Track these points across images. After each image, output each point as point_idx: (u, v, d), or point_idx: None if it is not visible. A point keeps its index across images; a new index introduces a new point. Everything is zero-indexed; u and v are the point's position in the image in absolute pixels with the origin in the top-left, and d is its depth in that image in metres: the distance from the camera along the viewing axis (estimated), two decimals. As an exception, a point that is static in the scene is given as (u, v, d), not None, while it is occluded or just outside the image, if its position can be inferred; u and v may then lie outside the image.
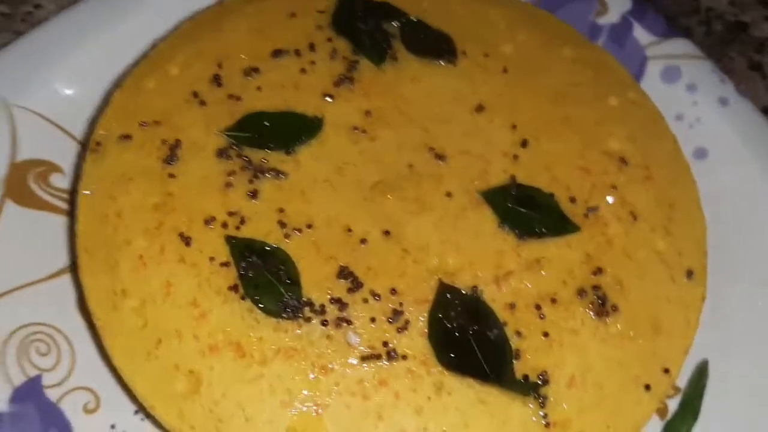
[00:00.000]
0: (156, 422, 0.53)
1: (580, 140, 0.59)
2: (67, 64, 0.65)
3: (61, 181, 0.64)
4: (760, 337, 0.61)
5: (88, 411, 0.56)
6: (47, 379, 0.56)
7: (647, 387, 0.53)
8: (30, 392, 0.55)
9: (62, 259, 0.61)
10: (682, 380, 0.60)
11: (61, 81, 0.65)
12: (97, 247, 0.54)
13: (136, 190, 0.55)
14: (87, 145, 0.62)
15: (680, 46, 0.72)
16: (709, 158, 0.68)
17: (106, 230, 0.55)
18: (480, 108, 0.59)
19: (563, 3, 0.73)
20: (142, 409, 0.53)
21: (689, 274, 0.57)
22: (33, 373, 0.56)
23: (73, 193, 0.61)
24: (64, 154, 0.64)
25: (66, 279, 0.61)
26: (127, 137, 0.57)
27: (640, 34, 0.72)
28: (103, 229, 0.55)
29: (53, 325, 0.58)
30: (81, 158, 0.63)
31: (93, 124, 0.63)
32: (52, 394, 0.56)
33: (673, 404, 0.60)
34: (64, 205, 0.63)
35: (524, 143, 0.58)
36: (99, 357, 0.58)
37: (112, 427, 0.56)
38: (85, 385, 0.57)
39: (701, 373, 0.60)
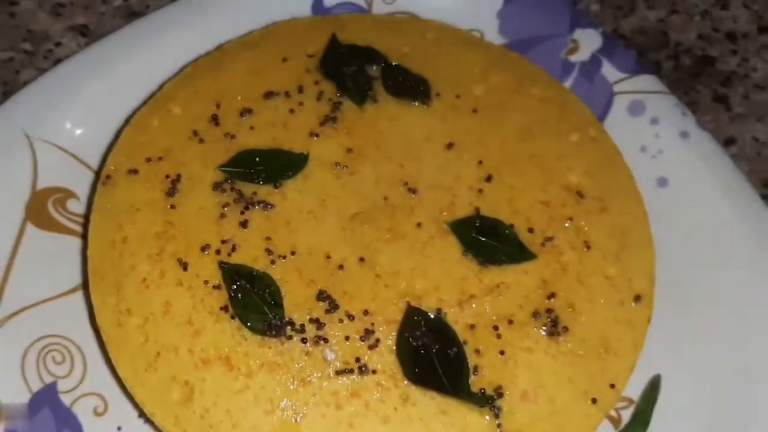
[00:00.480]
0: (155, 426, 0.60)
1: (542, 175, 0.65)
2: (83, 101, 0.72)
3: (76, 207, 0.70)
4: (708, 354, 0.66)
5: (97, 414, 0.63)
6: (62, 385, 0.63)
7: (594, 400, 0.59)
8: (46, 397, 0.62)
9: (75, 278, 0.68)
10: (637, 393, 0.66)
11: (78, 116, 0.72)
12: (106, 271, 0.61)
13: (141, 220, 0.62)
14: (98, 173, 0.69)
15: (646, 82, 0.77)
16: (670, 187, 0.73)
17: (114, 255, 0.61)
18: (450, 145, 0.65)
19: (538, 41, 0.79)
20: (143, 414, 0.60)
21: (637, 298, 0.62)
22: (49, 379, 0.63)
23: (87, 219, 0.68)
24: (80, 182, 0.71)
25: (79, 295, 0.67)
26: (134, 171, 0.64)
27: (609, 71, 0.77)
28: (110, 254, 0.61)
29: (68, 337, 0.65)
30: (95, 188, 0.70)
31: (105, 156, 0.70)
32: (66, 399, 0.63)
33: (626, 415, 0.65)
34: (79, 228, 0.70)
35: (489, 178, 0.64)
36: (107, 366, 0.65)
37: (119, 429, 0.62)
38: (95, 391, 0.64)
39: (653, 387, 0.66)
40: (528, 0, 0.81)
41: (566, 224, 0.63)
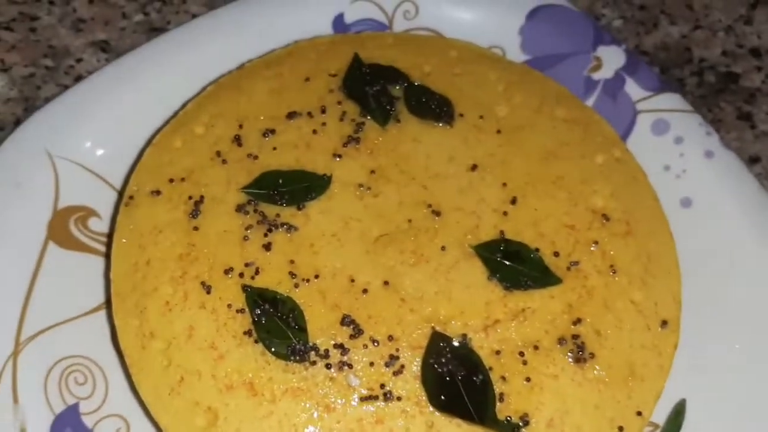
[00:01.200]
0: (178, 450, 0.59)
1: (567, 197, 0.64)
2: (105, 118, 0.72)
3: (98, 225, 0.70)
4: (733, 379, 0.66)
5: (119, 436, 0.63)
6: (84, 407, 0.63)
7: (621, 429, 0.58)
8: (69, 418, 0.62)
9: (97, 297, 0.67)
10: (662, 418, 0.65)
11: (100, 134, 0.71)
12: (128, 293, 0.61)
13: (163, 241, 0.62)
14: (122, 195, 0.69)
15: (670, 100, 0.76)
16: (694, 207, 0.73)
17: (137, 277, 0.61)
18: (474, 167, 0.65)
19: (561, 58, 0.79)
20: (166, 437, 0.60)
21: (663, 323, 0.62)
22: (71, 401, 0.63)
23: (110, 238, 0.68)
24: (102, 200, 0.71)
25: (101, 315, 0.67)
26: (157, 192, 0.64)
27: (632, 89, 0.77)
28: (133, 277, 0.61)
29: (89, 358, 0.65)
30: (117, 206, 0.70)
31: (128, 175, 0.70)
32: (88, 421, 0.62)
33: (651, 440, 0.65)
34: (100, 247, 0.69)
35: (513, 200, 0.64)
36: (128, 387, 0.64)
37: (141, 451, 0.63)
38: (117, 412, 0.63)
39: (678, 412, 0.65)
40: (550, 16, 0.80)
41: (592, 248, 0.62)
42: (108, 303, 0.66)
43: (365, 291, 0.59)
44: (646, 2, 0.89)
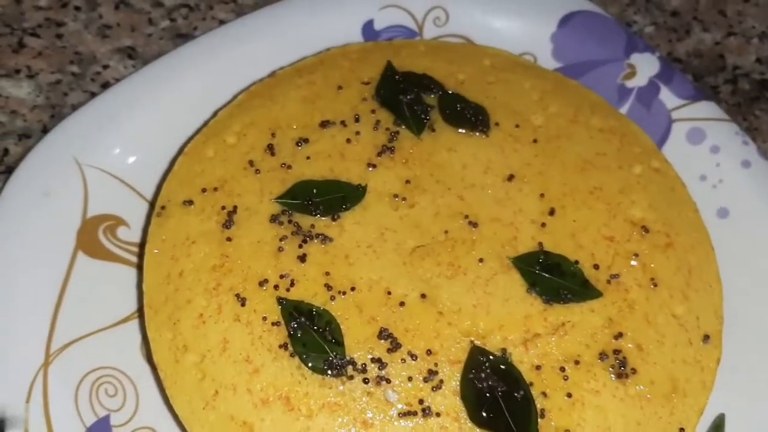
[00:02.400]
0: (212, 465, 0.58)
1: (605, 208, 0.63)
2: (134, 127, 0.71)
3: (127, 234, 0.69)
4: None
5: (150, 450, 0.62)
6: (115, 419, 0.62)
7: (663, 445, 0.57)
8: (100, 431, 0.61)
9: (126, 308, 0.66)
10: (701, 432, 0.64)
11: (128, 143, 0.71)
12: (161, 305, 0.60)
13: (197, 253, 0.61)
14: (152, 202, 0.68)
15: (705, 109, 0.75)
16: (731, 218, 0.71)
17: (169, 289, 0.60)
18: (511, 177, 0.64)
19: (593, 66, 0.77)
20: (199, 452, 0.59)
21: (706, 338, 0.60)
22: (102, 413, 0.62)
23: (141, 248, 0.67)
24: (130, 209, 0.70)
25: (130, 326, 0.66)
26: (189, 202, 0.63)
27: (667, 97, 0.76)
28: (166, 288, 0.60)
29: (119, 369, 0.64)
30: (148, 214, 0.69)
31: (159, 184, 0.69)
32: (119, 434, 0.62)
33: (690, 456, 0.64)
34: (129, 257, 0.69)
35: (552, 212, 0.62)
36: (159, 399, 0.63)
37: (172, 465, 0.62)
38: (147, 425, 0.62)
39: (718, 427, 0.64)
40: (582, 23, 0.79)
41: (632, 260, 0.61)
42: (140, 313, 0.66)
43: (402, 304, 0.58)
44: (678, 8, 0.87)
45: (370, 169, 0.64)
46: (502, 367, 0.56)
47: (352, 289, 0.59)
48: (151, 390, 0.64)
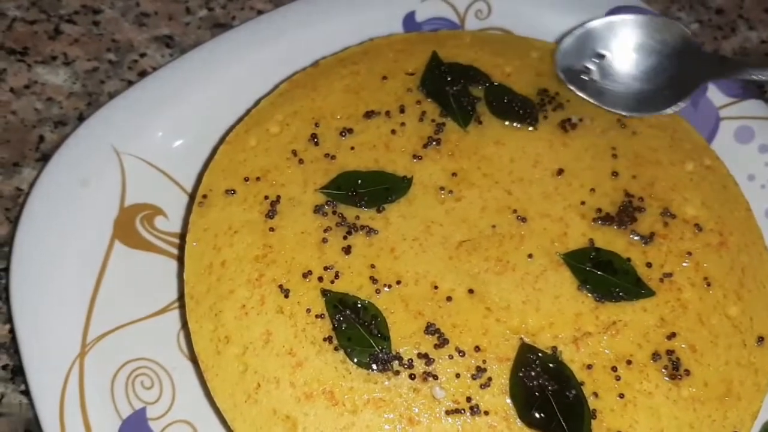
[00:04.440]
0: (252, 460, 0.57)
1: (658, 205, 0.62)
2: (172, 115, 0.70)
3: (164, 224, 0.68)
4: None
5: (187, 443, 0.61)
6: (151, 412, 0.61)
7: (717, 449, 0.55)
8: (136, 424, 0.60)
9: (164, 298, 0.65)
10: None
11: (168, 132, 0.70)
12: (203, 295, 0.59)
13: (239, 243, 0.59)
14: (192, 192, 0.67)
15: (754, 107, 0.73)
16: (781, 219, 0.70)
17: (211, 279, 0.59)
18: (560, 172, 0.62)
19: (639, 62, 0.76)
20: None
21: (760, 339, 0.59)
22: (138, 405, 0.61)
23: (181, 239, 0.65)
24: (168, 198, 0.69)
25: (167, 317, 0.65)
26: (231, 192, 0.61)
27: (715, 95, 0.74)
28: (208, 278, 0.59)
29: (156, 361, 0.63)
30: (187, 205, 0.68)
31: (198, 174, 0.68)
32: (155, 426, 0.60)
33: (740, 462, 0.62)
34: (166, 247, 0.67)
35: (601, 208, 0.61)
36: (196, 391, 0.62)
37: (209, 459, 0.60)
38: (184, 418, 0.61)
39: (768, 433, 0.62)
40: (628, 18, 0.77)
41: (685, 259, 0.60)
42: (179, 302, 0.64)
43: (449, 299, 0.57)
44: (723, 6, 0.86)
45: (416, 161, 0.62)
46: (553, 365, 0.55)
47: (398, 282, 0.57)
48: (187, 383, 0.62)
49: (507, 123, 0.64)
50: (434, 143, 0.63)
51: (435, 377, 0.54)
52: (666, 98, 0.67)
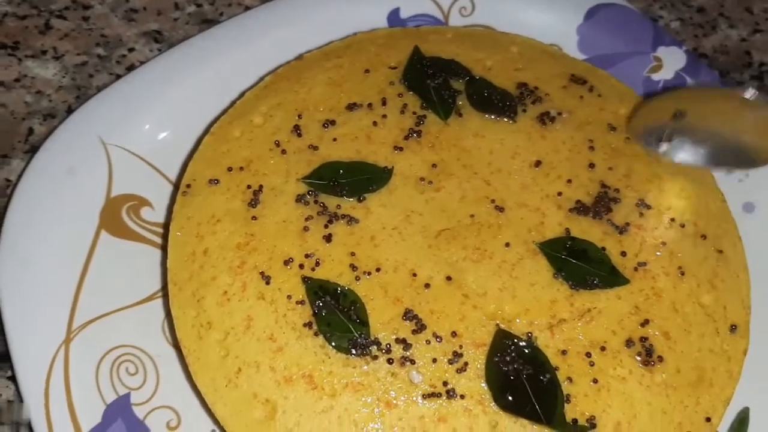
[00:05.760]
0: (233, 443, 0.58)
1: (633, 196, 0.63)
2: (159, 108, 0.71)
3: (150, 215, 0.69)
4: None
5: (170, 428, 0.61)
6: (135, 397, 0.62)
7: (689, 434, 0.57)
8: (120, 409, 0.61)
9: (149, 287, 0.66)
10: (724, 426, 0.63)
11: (154, 124, 0.71)
12: (185, 282, 0.60)
13: (222, 231, 0.60)
14: (176, 183, 0.68)
15: (732, 104, 0.75)
16: (756, 212, 0.71)
17: (194, 266, 0.60)
18: (538, 163, 0.63)
19: (620, 58, 0.77)
20: (219, 428, 0.58)
21: (733, 328, 0.60)
22: (123, 391, 0.62)
23: (165, 228, 0.66)
24: (154, 190, 0.70)
25: (151, 305, 0.66)
26: (215, 181, 0.63)
27: (695, 93, 0.75)
28: (191, 266, 0.60)
29: (141, 348, 0.64)
30: (171, 195, 0.69)
31: (183, 165, 0.69)
32: (139, 411, 0.61)
33: (714, 449, 0.63)
34: (152, 237, 0.68)
35: (579, 199, 0.62)
36: (179, 378, 0.63)
37: (192, 444, 0.61)
38: (168, 404, 0.62)
39: (742, 421, 0.63)
40: (609, 16, 0.79)
41: (659, 249, 0.61)
42: (163, 292, 0.65)
43: (427, 286, 0.58)
44: (704, 4, 0.87)
45: (397, 152, 0.63)
46: (528, 350, 0.56)
47: (378, 270, 0.58)
48: (171, 370, 0.63)
49: (487, 116, 0.66)
50: (415, 135, 0.64)
51: (412, 362, 0.55)
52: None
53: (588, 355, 0.56)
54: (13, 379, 0.65)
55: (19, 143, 0.74)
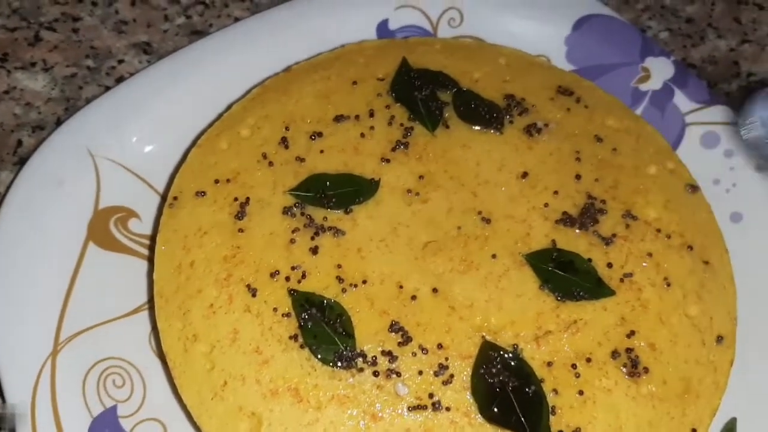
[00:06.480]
0: (220, 456, 0.58)
1: (620, 208, 0.63)
2: (147, 119, 0.71)
3: (138, 227, 0.69)
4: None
5: (157, 441, 0.61)
6: (122, 410, 0.62)
7: (675, 446, 0.57)
8: (106, 421, 0.61)
9: (136, 299, 0.66)
10: (712, 437, 0.63)
11: (141, 136, 0.71)
12: (172, 294, 0.60)
13: (208, 243, 0.61)
14: (164, 194, 0.68)
15: (721, 113, 0.75)
16: (744, 222, 0.71)
17: (180, 279, 0.60)
18: (525, 175, 0.64)
19: (608, 69, 0.77)
20: (207, 443, 0.58)
21: (719, 339, 0.60)
22: (110, 403, 0.62)
23: (153, 240, 0.66)
24: (142, 202, 0.70)
25: (139, 318, 0.66)
26: (202, 193, 0.63)
27: (681, 101, 0.75)
28: (177, 278, 0.60)
29: (128, 360, 0.64)
30: (159, 207, 0.69)
31: (171, 177, 0.69)
32: (125, 424, 0.61)
33: (702, 460, 0.63)
34: (140, 249, 0.68)
35: (565, 210, 0.62)
36: (167, 390, 0.63)
37: (178, 457, 0.61)
38: (154, 416, 0.62)
39: (730, 431, 0.63)
40: (597, 26, 0.79)
41: (645, 260, 0.61)
42: (150, 304, 0.65)
43: (414, 298, 0.58)
44: (693, 15, 0.87)
45: (384, 163, 0.63)
46: (513, 362, 0.56)
47: (364, 282, 0.58)
48: (158, 382, 0.63)
49: (474, 127, 0.66)
50: (402, 147, 0.64)
51: (398, 374, 0.55)
52: None
53: (574, 366, 0.56)
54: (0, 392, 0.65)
55: (7, 155, 0.75)
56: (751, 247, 0.69)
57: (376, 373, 0.55)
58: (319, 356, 0.56)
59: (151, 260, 0.66)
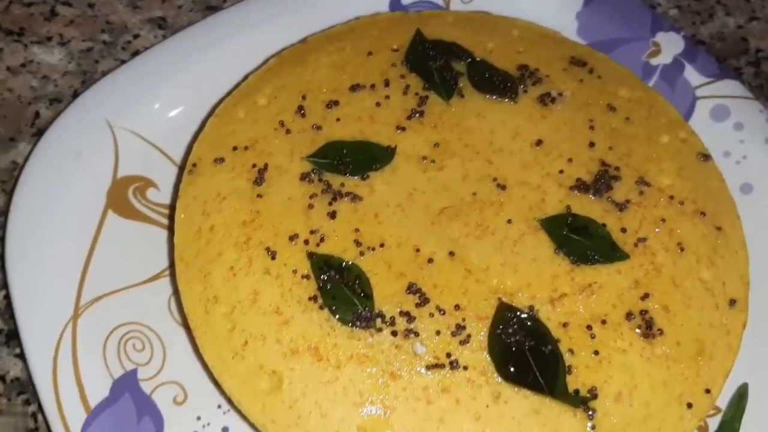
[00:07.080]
0: (239, 415, 0.59)
1: (633, 174, 0.64)
2: (165, 90, 0.72)
3: (156, 196, 0.70)
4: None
5: (177, 403, 0.62)
6: (142, 373, 0.63)
7: (689, 405, 0.57)
8: (127, 384, 0.62)
9: (155, 266, 0.67)
10: (723, 401, 0.64)
11: (160, 106, 0.72)
12: (192, 258, 0.61)
13: (227, 208, 0.61)
14: (181, 164, 0.69)
15: (730, 87, 0.75)
16: (754, 193, 0.72)
17: (200, 243, 0.61)
18: (539, 143, 0.64)
19: (618, 44, 0.78)
20: (229, 402, 0.59)
21: (732, 302, 0.61)
22: (130, 366, 0.63)
23: (171, 209, 0.67)
24: (160, 171, 0.71)
25: (158, 284, 0.67)
26: (220, 160, 0.63)
27: (691, 75, 0.76)
28: (197, 242, 0.61)
29: (147, 325, 0.65)
30: (177, 175, 0.70)
31: (188, 146, 0.70)
32: (146, 387, 0.62)
33: (713, 423, 0.63)
34: (157, 217, 0.69)
35: (579, 177, 0.63)
36: (186, 355, 0.64)
37: (198, 418, 0.62)
38: (174, 379, 0.63)
39: (741, 396, 0.64)
40: (608, 2, 0.80)
41: (659, 225, 0.62)
42: (170, 270, 0.66)
43: (431, 261, 0.59)
44: (701, -8, 0.88)
45: (399, 132, 0.64)
46: (530, 323, 0.57)
47: (381, 245, 0.59)
48: (178, 346, 0.64)
49: (488, 97, 0.67)
50: (417, 115, 0.65)
51: (416, 334, 0.56)
52: None
53: (589, 327, 0.57)
54: (21, 356, 0.66)
55: (25, 127, 0.75)
56: (762, 218, 0.70)
57: (394, 333, 0.56)
58: (338, 317, 0.56)
59: (169, 228, 0.67)
